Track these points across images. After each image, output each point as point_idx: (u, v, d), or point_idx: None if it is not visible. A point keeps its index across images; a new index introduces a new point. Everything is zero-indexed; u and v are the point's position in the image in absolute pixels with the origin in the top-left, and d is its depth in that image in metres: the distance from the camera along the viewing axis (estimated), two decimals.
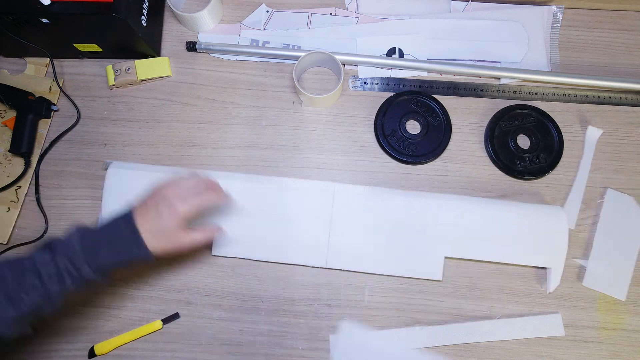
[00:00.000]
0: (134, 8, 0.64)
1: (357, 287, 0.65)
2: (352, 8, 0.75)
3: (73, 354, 0.63)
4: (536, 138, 0.69)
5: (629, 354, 0.63)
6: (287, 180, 0.67)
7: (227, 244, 0.64)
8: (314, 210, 0.65)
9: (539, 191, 0.68)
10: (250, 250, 0.64)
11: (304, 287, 0.65)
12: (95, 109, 0.72)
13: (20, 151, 0.67)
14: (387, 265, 0.64)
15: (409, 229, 0.64)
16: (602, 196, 0.68)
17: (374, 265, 0.64)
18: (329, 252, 0.64)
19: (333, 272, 0.65)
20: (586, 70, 0.73)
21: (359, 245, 0.64)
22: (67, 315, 0.64)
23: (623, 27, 0.75)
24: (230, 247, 0.64)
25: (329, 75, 0.73)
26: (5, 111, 0.71)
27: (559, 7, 0.75)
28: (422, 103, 0.70)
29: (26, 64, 0.73)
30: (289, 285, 0.65)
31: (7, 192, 0.68)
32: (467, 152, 0.70)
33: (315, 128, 0.71)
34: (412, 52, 0.74)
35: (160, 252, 0.50)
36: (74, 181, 0.69)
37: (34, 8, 0.60)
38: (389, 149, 0.69)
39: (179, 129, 0.71)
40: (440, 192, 0.68)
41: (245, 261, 0.65)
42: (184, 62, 0.74)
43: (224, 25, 0.75)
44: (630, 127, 0.71)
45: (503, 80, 0.72)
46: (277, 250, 0.64)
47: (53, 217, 0.67)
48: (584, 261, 0.65)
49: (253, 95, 0.72)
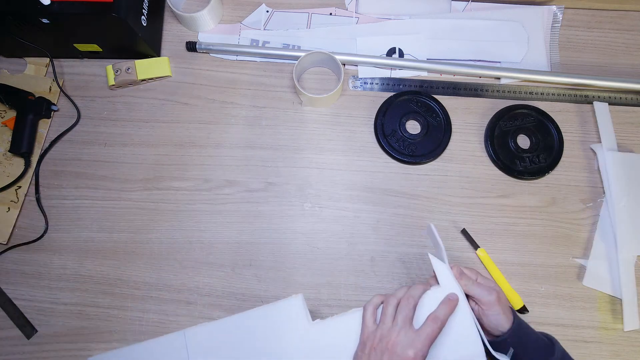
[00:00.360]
0: (134, 8, 0.64)
1: (357, 287, 0.65)
2: (352, 8, 0.75)
3: (73, 354, 0.63)
4: (536, 138, 0.69)
5: (628, 354, 0.63)
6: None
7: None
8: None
9: (539, 191, 0.68)
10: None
11: (304, 287, 0.65)
12: (95, 109, 0.72)
13: (20, 151, 0.67)
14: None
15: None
16: (602, 195, 0.68)
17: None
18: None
19: (333, 272, 0.65)
20: (586, 70, 0.73)
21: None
22: (67, 315, 0.64)
23: (623, 27, 0.75)
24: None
25: (329, 75, 0.73)
26: (5, 111, 0.71)
27: (559, 7, 0.75)
28: (422, 103, 0.70)
29: (26, 64, 0.73)
30: (288, 285, 0.65)
31: (7, 192, 0.68)
32: (467, 152, 0.70)
33: (315, 128, 0.71)
34: (412, 52, 0.74)
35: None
36: (74, 181, 0.69)
37: (34, 8, 0.59)
38: (389, 149, 0.69)
39: (179, 129, 0.71)
40: (440, 191, 0.68)
41: (245, 261, 0.65)
42: (184, 62, 0.74)
43: (224, 25, 0.75)
44: (631, 127, 0.71)
45: (503, 80, 0.72)
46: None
47: (53, 217, 0.67)
48: (584, 261, 0.65)
49: (253, 95, 0.72)
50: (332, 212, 0.67)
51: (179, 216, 0.67)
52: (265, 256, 0.66)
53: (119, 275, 0.65)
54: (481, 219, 0.67)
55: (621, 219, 0.65)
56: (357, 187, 0.68)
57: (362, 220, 0.67)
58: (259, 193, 0.68)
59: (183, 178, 0.69)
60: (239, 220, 0.67)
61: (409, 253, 0.66)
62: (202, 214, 0.67)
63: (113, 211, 0.68)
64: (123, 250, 0.66)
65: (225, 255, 0.66)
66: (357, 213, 0.67)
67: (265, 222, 0.67)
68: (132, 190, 0.68)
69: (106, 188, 0.68)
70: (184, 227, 0.67)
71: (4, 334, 0.63)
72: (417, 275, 0.65)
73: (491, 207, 0.68)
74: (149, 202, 0.68)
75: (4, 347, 0.63)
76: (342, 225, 0.67)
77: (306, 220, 0.67)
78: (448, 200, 0.68)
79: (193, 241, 0.66)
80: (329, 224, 0.67)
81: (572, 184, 0.69)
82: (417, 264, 0.65)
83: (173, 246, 0.66)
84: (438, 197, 0.68)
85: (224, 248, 0.66)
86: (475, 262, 0.65)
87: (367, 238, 0.66)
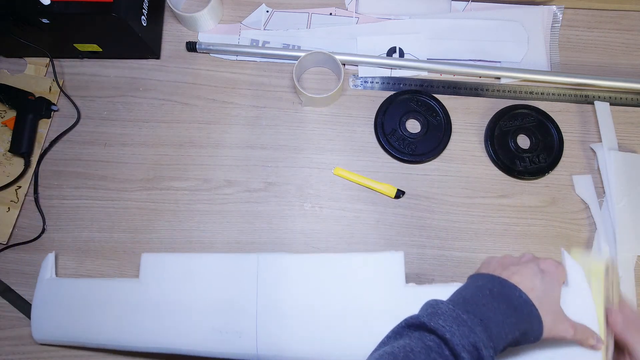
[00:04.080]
0: (134, 8, 0.64)
1: None
2: (352, 8, 0.75)
3: (73, 354, 0.63)
4: (536, 138, 0.69)
5: None
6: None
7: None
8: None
9: (539, 191, 0.68)
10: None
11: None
12: (95, 109, 0.72)
13: (20, 151, 0.67)
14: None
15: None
16: (602, 195, 0.68)
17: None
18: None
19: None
20: (586, 70, 0.73)
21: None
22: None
23: (623, 27, 0.75)
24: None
25: (329, 75, 0.73)
26: (5, 111, 0.71)
27: (559, 7, 0.75)
28: (422, 102, 0.70)
29: (26, 64, 0.73)
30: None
31: (7, 192, 0.68)
32: (467, 151, 0.70)
33: (315, 128, 0.71)
34: (412, 52, 0.74)
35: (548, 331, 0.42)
36: (74, 181, 0.69)
37: (34, 8, 0.59)
38: (389, 148, 0.69)
39: (179, 129, 0.71)
40: (440, 191, 0.68)
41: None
42: (184, 62, 0.74)
43: (224, 25, 0.75)
44: (631, 127, 0.71)
45: (503, 80, 0.72)
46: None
47: (53, 217, 0.67)
48: None
49: (253, 95, 0.72)
50: (332, 212, 0.67)
51: (179, 216, 0.67)
52: None
53: (119, 275, 0.65)
54: (481, 219, 0.67)
55: (621, 219, 0.65)
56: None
57: (362, 220, 0.67)
58: (258, 193, 0.68)
59: (183, 178, 0.69)
60: (239, 220, 0.67)
61: (409, 253, 0.66)
62: (202, 214, 0.67)
63: (113, 211, 0.68)
64: (123, 250, 0.66)
65: None
66: (357, 213, 0.67)
67: (265, 222, 0.67)
68: (132, 190, 0.68)
69: (106, 188, 0.68)
70: (184, 227, 0.67)
71: (4, 334, 0.63)
72: (418, 275, 0.65)
73: (491, 207, 0.68)
74: (149, 202, 0.68)
75: (4, 347, 0.63)
76: (342, 225, 0.67)
77: (306, 220, 0.67)
78: (448, 200, 0.68)
79: (193, 241, 0.66)
80: (329, 224, 0.67)
81: (572, 184, 0.69)
82: (417, 264, 0.65)
83: (173, 246, 0.66)
84: (438, 197, 0.68)
85: (224, 248, 0.66)
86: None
87: (367, 238, 0.66)
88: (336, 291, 0.54)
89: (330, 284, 0.55)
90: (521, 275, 0.44)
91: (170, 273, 0.58)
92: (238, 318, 0.55)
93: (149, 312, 0.57)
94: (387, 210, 0.67)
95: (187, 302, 0.56)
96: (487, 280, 0.44)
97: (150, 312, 0.57)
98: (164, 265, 0.58)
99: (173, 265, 0.58)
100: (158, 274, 0.58)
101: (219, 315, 0.55)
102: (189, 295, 0.57)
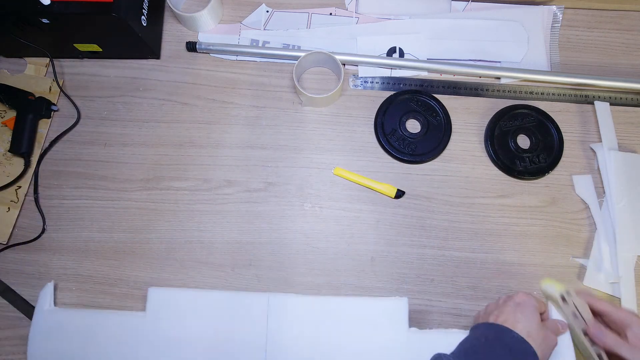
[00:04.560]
0: (134, 8, 0.64)
1: (357, 287, 0.65)
2: (352, 8, 0.75)
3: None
4: (536, 138, 0.69)
5: None
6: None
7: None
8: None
9: (539, 191, 0.68)
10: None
11: (304, 287, 0.65)
12: (95, 109, 0.72)
13: (20, 151, 0.67)
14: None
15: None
16: (602, 195, 0.68)
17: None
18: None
19: (333, 272, 0.65)
20: (586, 70, 0.73)
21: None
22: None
23: (623, 27, 0.75)
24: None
25: (329, 75, 0.73)
26: (5, 111, 0.71)
27: (559, 7, 0.75)
28: (422, 102, 0.70)
29: (26, 64, 0.73)
30: (289, 286, 0.65)
31: (7, 192, 0.68)
32: (467, 151, 0.70)
33: (315, 128, 0.71)
34: (412, 52, 0.74)
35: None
36: (74, 181, 0.69)
37: (34, 8, 0.59)
38: (389, 148, 0.69)
39: (179, 129, 0.71)
40: (440, 191, 0.68)
41: (245, 261, 0.65)
42: (184, 62, 0.74)
43: (224, 25, 0.75)
44: (631, 127, 0.71)
45: (503, 80, 0.72)
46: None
47: (53, 217, 0.67)
48: (584, 261, 0.65)
49: (253, 95, 0.72)
50: (332, 212, 0.67)
51: (179, 216, 0.67)
52: (265, 256, 0.66)
53: (119, 275, 0.65)
54: (481, 219, 0.67)
55: (621, 219, 0.65)
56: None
57: (362, 220, 0.67)
58: (258, 193, 0.68)
59: (183, 178, 0.69)
60: (238, 220, 0.67)
61: (409, 253, 0.66)
62: (202, 214, 0.67)
63: (113, 211, 0.68)
64: (123, 250, 0.66)
65: (225, 255, 0.66)
66: (357, 213, 0.67)
67: (265, 222, 0.67)
68: (132, 190, 0.68)
69: (106, 188, 0.68)
70: (184, 227, 0.67)
71: (4, 334, 0.63)
72: (418, 275, 0.65)
73: (491, 207, 0.68)
74: (149, 202, 0.68)
75: (4, 347, 0.63)
76: (342, 225, 0.67)
77: (306, 220, 0.67)
78: (448, 200, 0.68)
79: (193, 241, 0.66)
80: (329, 224, 0.67)
81: (572, 184, 0.69)
82: (417, 264, 0.65)
83: (173, 246, 0.66)
84: (438, 197, 0.68)
85: (224, 248, 0.66)
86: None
87: (367, 238, 0.66)
88: (343, 333, 0.57)
89: (338, 327, 0.57)
90: (505, 314, 0.50)
91: (177, 309, 0.57)
92: (247, 358, 0.56)
93: (154, 349, 0.56)
94: (387, 210, 0.67)
95: (194, 340, 0.56)
96: (483, 328, 0.50)
97: (156, 349, 0.56)
98: (172, 301, 0.58)
99: (181, 300, 0.58)
100: (165, 309, 0.57)
101: (227, 355, 0.55)
102: (196, 332, 0.56)
